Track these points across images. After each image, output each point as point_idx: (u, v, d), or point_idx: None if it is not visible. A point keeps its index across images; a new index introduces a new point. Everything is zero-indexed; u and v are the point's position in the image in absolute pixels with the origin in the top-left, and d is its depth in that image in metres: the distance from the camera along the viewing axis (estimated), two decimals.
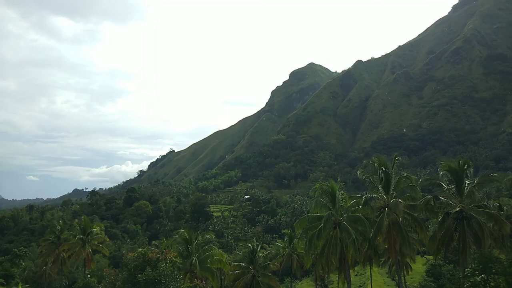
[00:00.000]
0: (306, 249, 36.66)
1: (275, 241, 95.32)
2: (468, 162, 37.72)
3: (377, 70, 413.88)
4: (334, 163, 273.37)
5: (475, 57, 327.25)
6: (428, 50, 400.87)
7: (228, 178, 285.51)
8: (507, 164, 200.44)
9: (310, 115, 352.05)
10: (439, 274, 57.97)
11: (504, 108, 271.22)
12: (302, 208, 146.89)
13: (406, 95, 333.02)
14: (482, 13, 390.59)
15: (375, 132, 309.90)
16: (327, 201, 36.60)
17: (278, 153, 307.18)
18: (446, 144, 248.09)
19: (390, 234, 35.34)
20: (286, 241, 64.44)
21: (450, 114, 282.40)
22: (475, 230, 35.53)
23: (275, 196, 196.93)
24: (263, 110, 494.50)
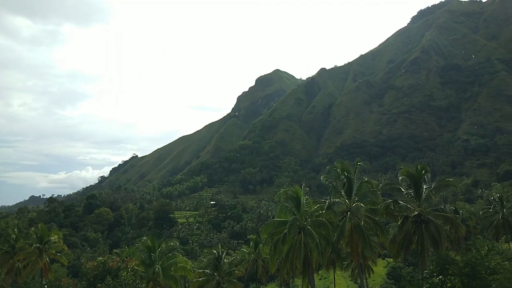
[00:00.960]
0: (271, 254, 36.72)
1: (241, 247, 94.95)
2: (426, 167, 39.24)
3: (340, 78, 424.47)
4: (299, 169, 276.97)
5: (432, 67, 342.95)
6: (388, 59, 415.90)
7: (194, 183, 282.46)
8: (463, 170, 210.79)
9: (276, 121, 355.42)
10: (399, 276, 59.79)
11: (460, 116, 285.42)
12: (268, 213, 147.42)
13: (367, 103, 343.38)
14: (439, 25, 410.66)
15: (338, 138, 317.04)
16: (292, 206, 36.91)
17: (244, 159, 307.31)
18: (405, 150, 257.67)
19: (352, 237, 36.11)
20: (251, 246, 64.36)
21: (408, 121, 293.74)
22: (432, 233, 36.88)
23: (241, 202, 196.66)
24: (229, 115, 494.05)
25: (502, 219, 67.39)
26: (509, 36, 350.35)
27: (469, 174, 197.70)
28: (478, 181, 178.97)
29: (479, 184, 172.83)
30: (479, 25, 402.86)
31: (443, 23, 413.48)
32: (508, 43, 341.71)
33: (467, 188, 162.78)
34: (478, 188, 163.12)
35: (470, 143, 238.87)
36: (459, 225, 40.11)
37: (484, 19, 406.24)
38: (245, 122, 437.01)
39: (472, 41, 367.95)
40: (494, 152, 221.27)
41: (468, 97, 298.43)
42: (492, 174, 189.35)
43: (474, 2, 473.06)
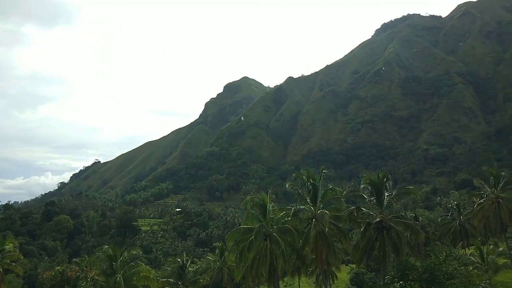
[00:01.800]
0: (237, 261, 36.52)
1: (206, 254, 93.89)
2: (387, 175, 40.47)
3: (307, 87, 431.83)
4: (266, 176, 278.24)
5: (394, 78, 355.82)
6: (353, 70, 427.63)
7: (159, 190, 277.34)
8: (422, 178, 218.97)
9: (244, 128, 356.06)
10: (362, 282, 61.01)
11: (420, 126, 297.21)
12: (235, 220, 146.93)
13: (333, 112, 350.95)
14: (401, 38, 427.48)
15: (305, 145, 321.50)
16: (258, 213, 36.96)
17: (211, 165, 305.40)
18: (369, 158, 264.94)
19: (317, 244, 36.54)
20: (217, 254, 63.79)
21: (372, 131, 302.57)
22: (393, 239, 37.95)
23: (208, 209, 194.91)
24: (197, 121, 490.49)
25: (459, 226, 70.36)
26: (466, 51, 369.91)
27: (428, 182, 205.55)
28: (437, 189, 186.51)
29: (437, 192, 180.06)
30: (439, 39, 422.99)
31: (405, 37, 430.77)
32: (465, 57, 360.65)
33: (427, 196, 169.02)
34: (437, 196, 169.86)
35: (430, 152, 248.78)
36: (418, 232, 41.48)
37: (444, 34, 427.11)
38: (212, 128, 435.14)
39: (432, 55, 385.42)
40: (452, 161, 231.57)
41: (428, 108, 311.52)
42: (450, 183, 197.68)
43: (434, 17, 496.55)
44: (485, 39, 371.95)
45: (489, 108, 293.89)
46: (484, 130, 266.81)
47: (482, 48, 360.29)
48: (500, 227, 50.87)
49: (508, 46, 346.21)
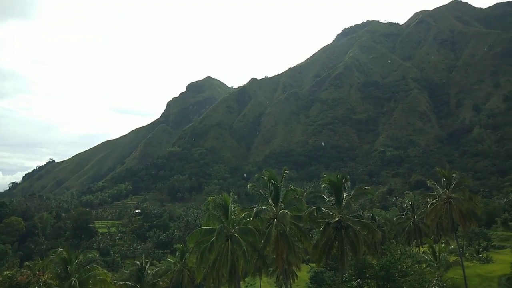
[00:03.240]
0: (198, 263, 36.09)
1: (167, 256, 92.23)
2: (346, 176, 41.52)
3: (270, 89, 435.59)
4: (229, 176, 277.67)
5: (353, 82, 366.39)
6: (314, 73, 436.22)
7: (117, 191, 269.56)
8: (379, 179, 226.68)
9: (207, 128, 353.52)
10: (321, 281, 62.14)
11: (377, 129, 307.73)
12: (196, 221, 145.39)
13: (295, 114, 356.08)
14: (361, 44, 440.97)
15: (267, 146, 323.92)
16: (220, 214, 36.72)
17: (173, 166, 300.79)
18: (329, 160, 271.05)
19: (278, 244, 36.83)
20: (177, 256, 62.72)
21: (332, 133, 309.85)
22: (351, 238, 38.98)
23: (168, 210, 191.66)
24: (158, 121, 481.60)
25: (413, 225, 73.28)
26: (422, 58, 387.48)
27: (384, 183, 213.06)
28: (393, 190, 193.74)
29: (393, 192, 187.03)
30: (396, 46, 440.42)
31: (364, 42, 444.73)
32: (420, 64, 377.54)
33: (383, 196, 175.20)
34: (393, 196, 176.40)
35: (386, 154, 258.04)
36: (375, 231, 42.79)
37: (401, 41, 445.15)
38: (174, 128, 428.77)
39: (389, 60, 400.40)
40: (407, 163, 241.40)
41: (385, 112, 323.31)
42: (405, 183, 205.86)
43: (392, 25, 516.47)
44: (439, 47, 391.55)
45: (442, 112, 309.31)
46: (437, 133, 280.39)
47: (436, 55, 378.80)
48: (451, 226, 53.38)
49: (460, 54, 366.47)
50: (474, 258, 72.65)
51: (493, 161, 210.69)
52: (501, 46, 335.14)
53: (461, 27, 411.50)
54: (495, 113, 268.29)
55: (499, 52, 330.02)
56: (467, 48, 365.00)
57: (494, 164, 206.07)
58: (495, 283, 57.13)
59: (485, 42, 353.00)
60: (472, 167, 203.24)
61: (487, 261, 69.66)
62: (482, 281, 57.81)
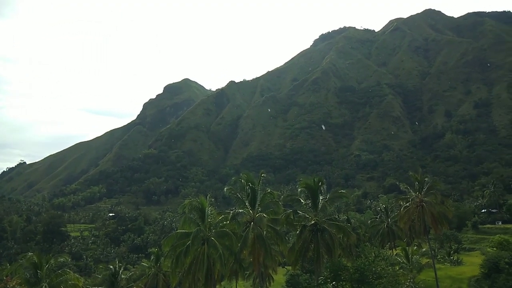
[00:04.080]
0: (173, 267, 35.61)
1: (141, 261, 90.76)
2: (322, 179, 42.05)
3: (249, 92, 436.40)
4: (206, 179, 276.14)
5: (330, 87, 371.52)
6: (292, 77, 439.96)
7: (91, 194, 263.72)
8: (354, 182, 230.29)
9: (184, 130, 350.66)
10: (297, 284, 62.49)
11: (353, 133, 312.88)
12: (172, 225, 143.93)
13: (273, 117, 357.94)
14: (338, 50, 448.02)
15: (245, 150, 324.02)
16: (196, 217, 36.40)
17: (149, 168, 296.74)
18: (306, 163, 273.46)
19: (255, 247, 36.83)
20: (152, 260, 61.77)
21: (309, 136, 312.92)
22: (327, 241, 39.45)
23: (144, 213, 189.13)
24: (134, 122, 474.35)
25: (387, 228, 74.75)
26: (396, 64, 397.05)
27: (360, 187, 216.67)
28: (368, 193, 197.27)
29: (368, 196, 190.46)
30: (372, 52, 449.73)
31: (341, 48, 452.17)
32: (395, 70, 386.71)
33: (358, 199, 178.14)
34: (368, 199, 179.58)
35: (361, 158, 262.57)
36: (350, 233, 43.46)
37: (376, 47, 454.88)
38: (151, 130, 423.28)
39: (365, 66, 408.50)
40: (381, 167, 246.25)
41: (361, 117, 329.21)
42: (379, 187, 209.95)
43: (368, 31, 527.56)
44: (413, 54, 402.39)
45: (416, 118, 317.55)
46: (411, 138, 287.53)
47: (410, 62, 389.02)
48: (424, 229, 54.70)
49: (433, 61, 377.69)
50: (445, 260, 74.63)
51: (464, 165, 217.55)
52: (472, 55, 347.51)
53: (434, 35, 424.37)
54: (466, 119, 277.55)
55: (470, 60, 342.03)
56: (440, 56, 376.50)
57: (465, 168, 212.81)
58: (465, 285, 58.88)
59: (457, 50, 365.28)
60: (444, 172, 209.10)
61: (458, 263, 71.71)
62: (453, 282, 59.44)
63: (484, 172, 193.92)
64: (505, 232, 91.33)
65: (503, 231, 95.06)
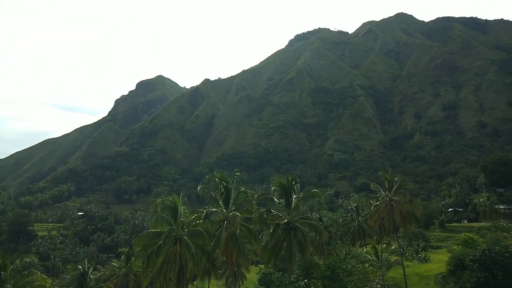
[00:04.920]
0: (144, 267, 35.02)
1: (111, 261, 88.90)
2: (295, 178, 42.40)
3: (224, 90, 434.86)
4: (179, 178, 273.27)
5: (305, 87, 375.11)
6: (267, 77, 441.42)
7: (59, 192, 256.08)
8: (327, 181, 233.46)
9: (157, 128, 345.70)
10: (270, 282, 62.82)
11: (326, 133, 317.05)
12: (144, 224, 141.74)
13: (248, 116, 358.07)
14: (312, 51, 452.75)
15: (219, 148, 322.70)
16: (168, 217, 35.95)
17: (120, 166, 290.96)
18: (280, 162, 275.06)
19: (228, 246, 36.73)
20: (123, 260, 60.68)
21: (283, 136, 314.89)
22: (299, 239, 39.81)
23: (114, 212, 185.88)
24: (105, 119, 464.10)
25: (358, 226, 76.18)
26: (368, 66, 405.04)
27: (332, 186, 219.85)
28: (340, 192, 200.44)
29: (340, 195, 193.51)
30: (345, 53, 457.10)
31: (315, 49, 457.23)
32: (367, 72, 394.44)
33: (330, 198, 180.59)
34: (340, 198, 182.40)
35: (334, 158, 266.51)
36: (322, 232, 43.99)
37: (349, 49, 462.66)
38: (122, 127, 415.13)
39: (338, 67, 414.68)
40: (353, 166, 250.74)
41: (334, 117, 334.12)
42: (351, 186, 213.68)
43: (342, 33, 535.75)
44: (385, 57, 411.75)
45: (386, 119, 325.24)
46: (381, 139, 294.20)
47: (382, 64, 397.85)
48: (393, 227, 55.98)
49: (404, 64, 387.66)
50: (413, 258, 76.74)
51: (432, 166, 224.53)
52: (441, 58, 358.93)
53: (405, 38, 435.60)
54: (434, 121, 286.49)
55: (439, 64, 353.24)
56: (410, 59, 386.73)
57: (433, 169, 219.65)
58: (432, 282, 60.72)
59: (427, 54, 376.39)
60: (412, 171, 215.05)
61: (425, 261, 73.91)
62: (420, 279, 61.18)
63: (451, 172, 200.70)
64: (470, 230, 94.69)
65: (468, 230, 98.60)
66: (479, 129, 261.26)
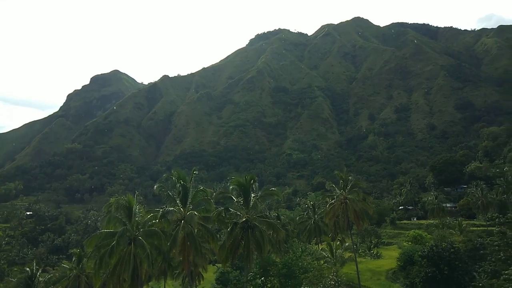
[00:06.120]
0: (96, 268, 33.85)
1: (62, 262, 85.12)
2: (254, 177, 42.63)
3: (183, 87, 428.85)
4: (135, 176, 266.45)
5: (265, 87, 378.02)
6: (228, 75, 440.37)
7: (6, 191, 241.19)
8: (285, 180, 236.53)
9: (112, 124, 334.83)
10: (227, 281, 62.69)
11: (285, 133, 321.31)
12: (97, 224, 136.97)
13: (207, 114, 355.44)
14: (272, 51, 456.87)
15: (178, 146, 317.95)
16: (123, 216, 34.99)
17: (72, 164, 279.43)
18: (239, 161, 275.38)
19: (185, 246, 36.29)
20: (74, 261, 58.29)
21: (243, 135, 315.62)
22: (257, 238, 40.07)
23: (65, 212, 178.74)
24: (56, 114, 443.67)
25: (314, 224, 77.89)
26: (326, 68, 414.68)
27: (290, 184, 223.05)
28: (297, 191, 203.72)
29: (298, 193, 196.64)
30: (304, 55, 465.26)
31: (275, 49, 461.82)
32: (325, 74, 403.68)
33: (288, 197, 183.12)
34: (297, 197, 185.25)
35: (292, 157, 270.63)
36: (279, 230, 44.57)
37: (308, 51, 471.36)
38: (75, 123, 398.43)
39: (298, 68, 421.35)
40: (310, 165, 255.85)
41: (293, 117, 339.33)
42: (308, 185, 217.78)
43: (301, 35, 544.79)
44: (342, 59, 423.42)
45: (342, 120, 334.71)
46: (338, 139, 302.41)
47: (339, 67, 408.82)
48: (347, 224, 57.73)
49: (360, 67, 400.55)
50: (366, 254, 79.56)
51: (384, 165, 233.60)
52: (395, 63, 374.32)
53: (361, 42, 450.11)
54: (387, 123, 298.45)
55: (393, 68, 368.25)
56: (366, 62, 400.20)
57: (385, 168, 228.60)
58: (383, 277, 63.29)
59: (381, 58, 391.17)
60: (366, 171, 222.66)
61: (377, 257, 76.85)
62: (372, 275, 63.54)
63: (402, 172, 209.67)
64: (419, 228, 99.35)
65: (418, 227, 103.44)
66: (428, 131, 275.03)
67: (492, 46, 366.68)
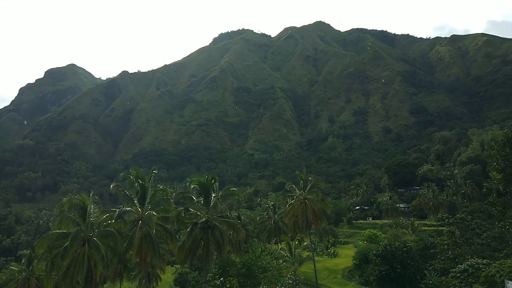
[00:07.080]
0: (48, 270, 32.38)
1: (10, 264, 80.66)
2: (215, 177, 42.45)
3: (143, 84, 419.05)
4: (91, 175, 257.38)
5: (228, 86, 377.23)
6: (190, 73, 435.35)
7: None
8: (247, 180, 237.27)
9: (67, 120, 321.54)
10: (185, 282, 62.07)
11: (247, 133, 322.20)
12: (49, 224, 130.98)
13: (169, 112, 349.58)
14: (236, 51, 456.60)
15: (137, 144, 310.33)
16: (76, 216, 33.68)
17: (23, 161, 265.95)
18: (201, 160, 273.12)
19: (142, 247, 35.47)
20: (23, 263, 55.54)
21: (205, 134, 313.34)
22: (217, 238, 39.90)
23: (15, 211, 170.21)
24: (7, 108, 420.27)
25: (274, 224, 78.60)
26: (288, 70, 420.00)
27: (251, 184, 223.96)
28: (258, 191, 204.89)
29: (259, 193, 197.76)
30: (268, 56, 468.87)
31: (239, 49, 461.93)
32: (287, 76, 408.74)
33: (249, 197, 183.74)
34: (258, 197, 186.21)
35: (254, 157, 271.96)
36: (239, 230, 44.63)
37: (272, 52, 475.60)
38: (27, 118, 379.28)
39: (261, 69, 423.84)
40: (272, 166, 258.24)
41: (255, 117, 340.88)
42: (269, 185, 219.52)
43: (265, 36, 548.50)
44: (304, 62, 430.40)
45: (304, 121, 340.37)
46: (299, 140, 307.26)
47: (301, 69, 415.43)
48: (306, 224, 58.75)
49: (321, 70, 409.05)
50: (324, 253, 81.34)
51: (343, 167, 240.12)
52: (354, 67, 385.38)
53: (323, 46, 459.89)
54: (346, 125, 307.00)
55: (352, 72, 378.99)
56: (326, 66, 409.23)
57: (343, 169, 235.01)
58: (340, 275, 64.94)
59: (342, 62, 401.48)
60: (325, 172, 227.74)
61: (334, 256, 78.79)
62: (329, 273, 65.04)
63: (359, 173, 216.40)
64: (374, 227, 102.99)
65: (373, 226, 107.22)
66: (384, 134, 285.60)
67: (445, 54, 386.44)
